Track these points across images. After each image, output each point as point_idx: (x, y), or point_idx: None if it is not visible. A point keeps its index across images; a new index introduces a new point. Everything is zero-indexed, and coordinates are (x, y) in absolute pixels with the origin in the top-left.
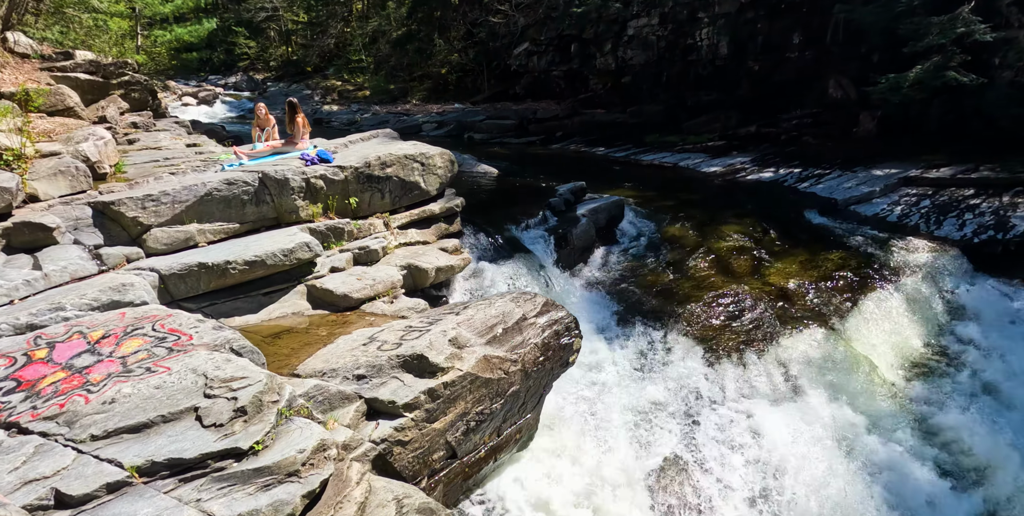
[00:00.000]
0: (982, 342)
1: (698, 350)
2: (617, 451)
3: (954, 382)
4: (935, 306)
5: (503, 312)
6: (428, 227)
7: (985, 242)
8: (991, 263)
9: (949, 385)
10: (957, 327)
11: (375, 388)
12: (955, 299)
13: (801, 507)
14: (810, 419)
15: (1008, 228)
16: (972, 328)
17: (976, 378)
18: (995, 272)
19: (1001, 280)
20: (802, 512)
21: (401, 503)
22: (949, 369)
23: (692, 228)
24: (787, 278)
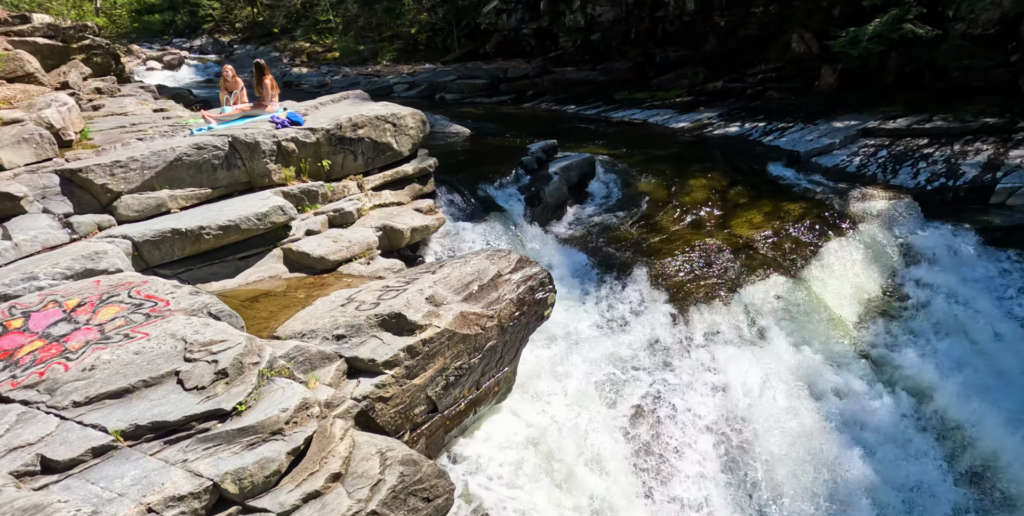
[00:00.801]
0: (933, 283)
1: (668, 299)
2: (593, 398)
3: (907, 322)
4: (890, 251)
5: (478, 269)
6: (402, 188)
7: (937, 189)
8: (942, 209)
9: (902, 325)
10: (910, 270)
11: (355, 347)
12: (909, 244)
13: (765, 443)
14: (774, 362)
15: (958, 175)
16: (924, 271)
17: (927, 317)
18: (946, 217)
19: (951, 225)
20: (766, 447)
21: (384, 456)
22: (902, 310)
23: (661, 183)
24: (752, 229)
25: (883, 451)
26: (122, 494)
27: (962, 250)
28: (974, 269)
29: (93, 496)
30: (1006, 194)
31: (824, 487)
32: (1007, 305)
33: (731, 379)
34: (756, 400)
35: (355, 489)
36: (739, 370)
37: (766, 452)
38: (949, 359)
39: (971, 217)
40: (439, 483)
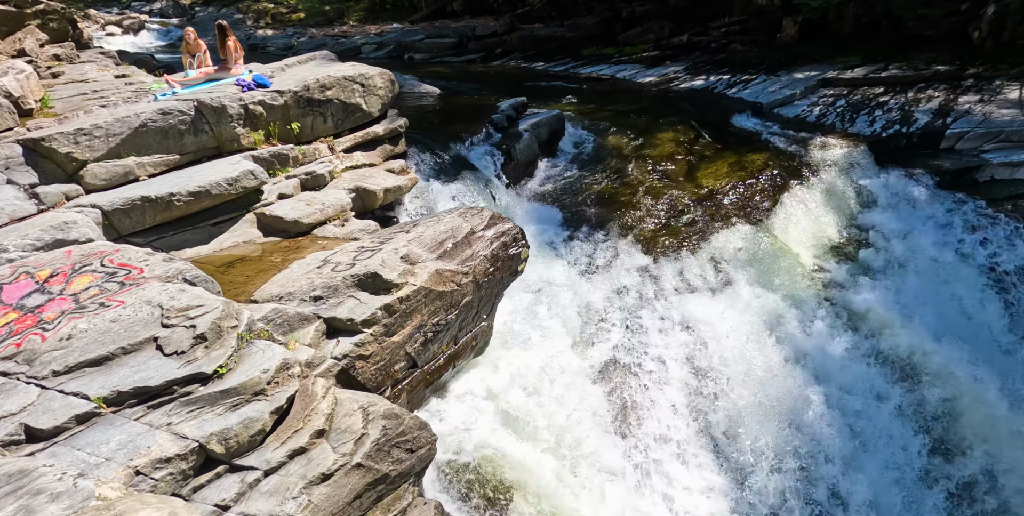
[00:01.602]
0: (887, 226)
1: (639, 251)
2: (567, 347)
3: (864, 263)
4: (848, 197)
5: (452, 227)
6: (373, 149)
7: (892, 136)
8: (896, 155)
9: (858, 266)
10: (866, 214)
11: (332, 308)
12: (865, 190)
13: (732, 382)
14: (739, 306)
15: (911, 122)
16: (879, 215)
17: (882, 258)
18: (899, 163)
19: (904, 170)
20: (732, 386)
21: (367, 411)
22: (859, 252)
23: (630, 137)
24: (718, 179)
25: (840, 383)
26: (109, 458)
27: (914, 193)
28: (925, 211)
29: (80, 462)
30: (955, 139)
31: (786, 418)
32: (954, 245)
33: (699, 324)
34: (722, 343)
35: (339, 444)
36: (707, 316)
37: (732, 390)
38: (901, 296)
39: (923, 162)
40: (421, 434)
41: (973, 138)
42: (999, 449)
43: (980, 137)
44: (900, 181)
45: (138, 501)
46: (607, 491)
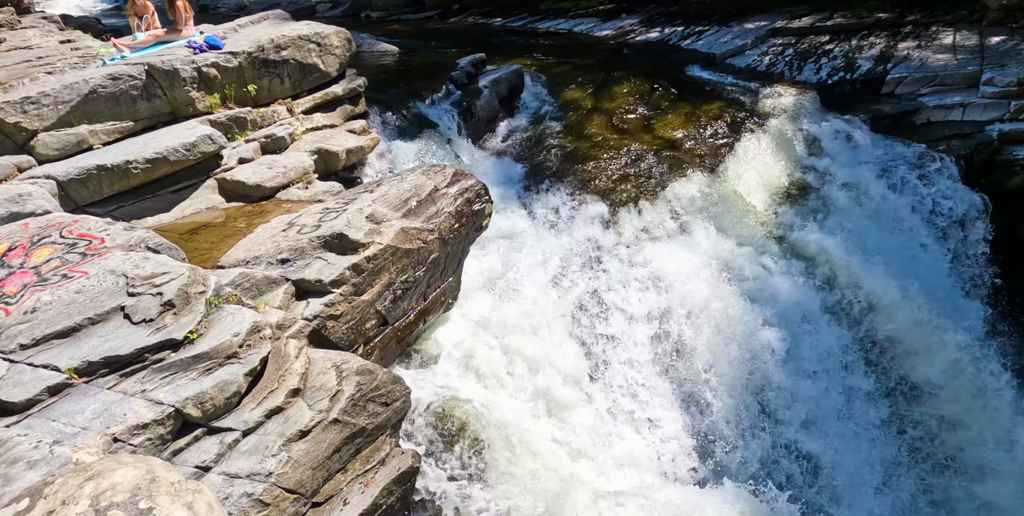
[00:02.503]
0: (832, 170)
1: (600, 202)
2: (536, 297)
3: (810, 205)
4: (795, 143)
5: (415, 185)
6: (333, 110)
7: (836, 83)
8: (841, 101)
9: (806, 208)
10: (812, 160)
11: (300, 270)
12: (811, 135)
13: (693, 323)
14: (696, 251)
15: (855, 68)
16: (824, 159)
17: (827, 200)
18: (844, 109)
19: (848, 115)
20: (694, 327)
21: (340, 369)
22: (807, 195)
23: (588, 91)
24: (673, 130)
25: (793, 317)
26: (85, 427)
27: (857, 138)
28: (867, 154)
29: (56, 432)
30: (895, 84)
31: (743, 353)
32: (895, 184)
33: (659, 270)
34: (682, 286)
35: (315, 401)
36: (666, 262)
37: (694, 331)
38: (847, 234)
39: (865, 107)
40: (395, 388)
41: (911, 83)
42: (934, 371)
43: (917, 82)
44: (844, 126)
45: (114, 461)
46: (575, 421)
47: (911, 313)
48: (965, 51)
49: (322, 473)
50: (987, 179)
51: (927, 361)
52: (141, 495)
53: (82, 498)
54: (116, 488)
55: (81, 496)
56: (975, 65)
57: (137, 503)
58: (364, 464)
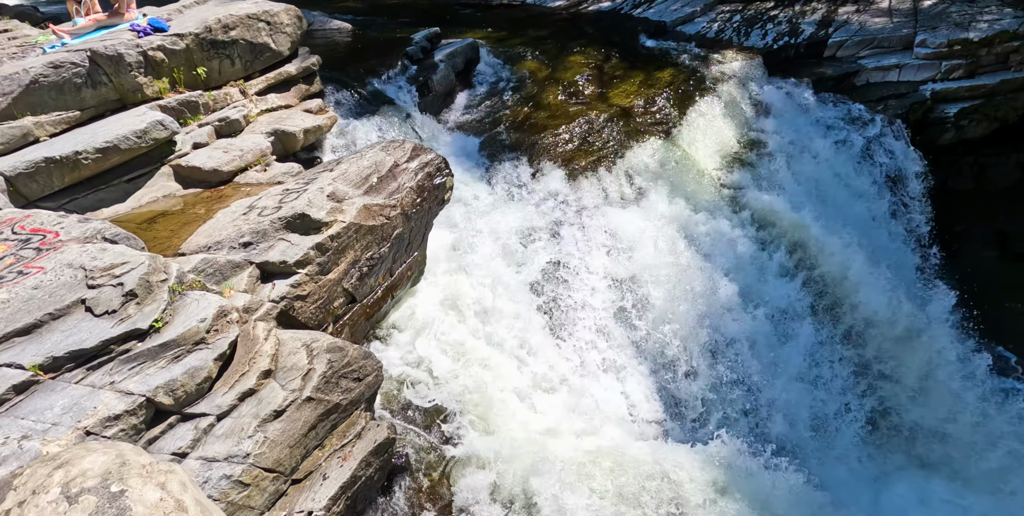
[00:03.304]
0: (778, 132)
1: (559, 172)
2: (501, 267)
3: (759, 166)
4: (744, 107)
5: (375, 162)
6: (288, 90)
7: (782, 47)
8: (787, 65)
9: (756, 169)
10: (760, 122)
11: (264, 252)
12: (758, 99)
13: (652, 284)
14: (653, 215)
15: (799, 33)
16: (771, 122)
17: (775, 161)
18: (789, 73)
19: (794, 79)
20: (653, 287)
21: (310, 347)
22: (755, 157)
23: (543, 62)
24: (628, 98)
25: (743, 274)
26: (55, 423)
27: (802, 100)
28: (812, 115)
29: (26, 429)
30: (836, 47)
31: (702, 309)
32: (838, 144)
33: (619, 235)
34: (642, 249)
35: (287, 381)
36: (625, 225)
37: (655, 291)
38: (794, 192)
39: (809, 70)
40: (367, 363)
41: (851, 46)
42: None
43: (857, 45)
44: (790, 89)
45: (83, 448)
46: (546, 384)
47: (855, 262)
48: (900, 14)
49: (299, 451)
50: (922, 136)
51: (869, 302)
52: (112, 479)
53: (52, 486)
54: (86, 474)
55: (51, 484)
56: (909, 28)
57: (109, 487)
58: (341, 439)
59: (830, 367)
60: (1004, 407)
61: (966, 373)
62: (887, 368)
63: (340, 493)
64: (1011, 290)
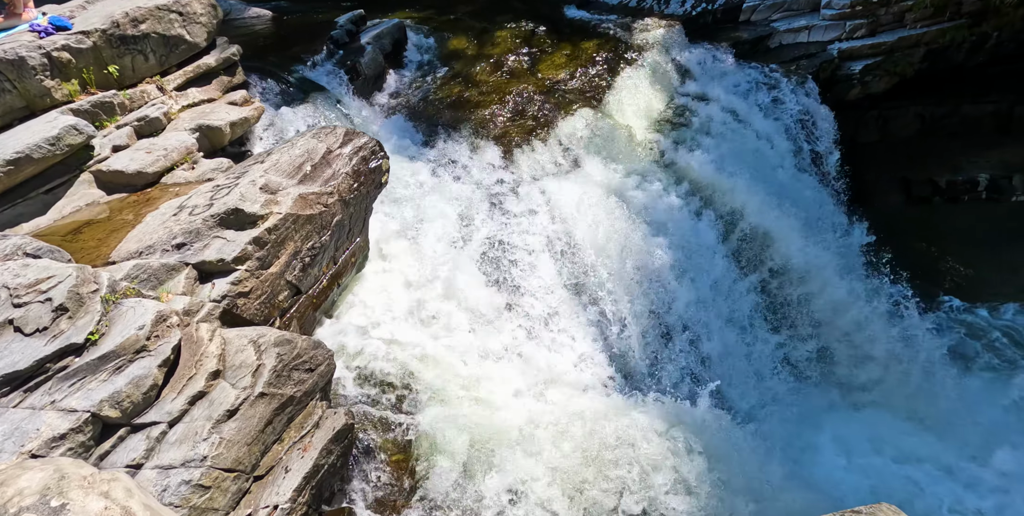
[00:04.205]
0: (701, 95)
1: (496, 147)
2: (446, 245)
3: (686, 129)
4: (669, 73)
5: (307, 150)
6: (209, 83)
7: (700, 14)
8: (705, 31)
9: (682, 132)
10: (684, 86)
11: (199, 252)
12: (681, 64)
13: (590, 247)
14: (588, 183)
15: (714, 0)
16: (696, 85)
17: (699, 120)
18: (708, 38)
19: (711, 43)
20: (592, 250)
21: (257, 343)
22: (682, 120)
23: (471, 39)
24: (557, 70)
25: (676, 233)
26: None
27: (721, 64)
28: (731, 78)
29: None
30: (750, 12)
31: (639, 268)
32: (756, 105)
33: (558, 204)
34: (578, 215)
35: (238, 379)
36: (563, 196)
37: (595, 255)
38: (719, 153)
39: (726, 35)
40: (317, 353)
41: (763, 10)
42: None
43: (769, 8)
44: (710, 54)
45: (18, 468)
46: (497, 354)
47: (774, 213)
48: None
49: (258, 447)
50: (831, 93)
51: (786, 248)
52: (51, 494)
53: None
54: (24, 493)
55: None
56: None
57: (48, 502)
58: (299, 430)
59: (762, 316)
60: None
61: (882, 309)
62: (814, 310)
63: (304, 484)
64: (916, 231)
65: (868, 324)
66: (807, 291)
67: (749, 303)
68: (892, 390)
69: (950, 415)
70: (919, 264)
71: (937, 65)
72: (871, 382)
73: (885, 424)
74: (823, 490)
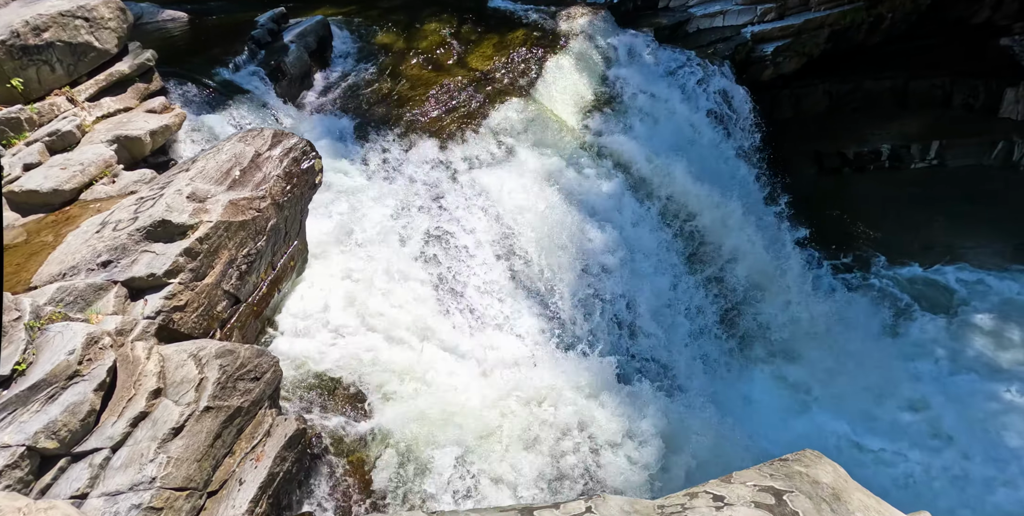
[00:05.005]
0: (628, 78)
1: (429, 141)
2: (386, 241)
3: (613, 114)
4: (595, 60)
5: (235, 154)
6: (124, 91)
7: (621, 1)
8: (628, 17)
9: (610, 117)
10: (611, 72)
11: (127, 269)
12: (606, 51)
13: (528, 233)
14: (522, 170)
15: None
16: (621, 70)
17: (625, 104)
18: (631, 24)
19: (634, 29)
20: (529, 237)
21: (198, 357)
22: (610, 105)
23: (398, 33)
24: (486, 61)
25: (610, 214)
26: None
27: (644, 49)
28: (654, 62)
29: None
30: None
31: (575, 248)
32: (678, 88)
33: (494, 193)
34: (514, 201)
35: (180, 395)
36: (498, 183)
37: (533, 238)
38: (646, 135)
39: (648, 21)
40: (262, 361)
41: None
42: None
43: None
44: (633, 40)
45: None
46: (447, 343)
47: (702, 189)
48: None
49: (209, 462)
50: (746, 74)
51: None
52: None
53: None
54: None
55: None
56: None
57: None
58: (250, 441)
59: (694, 284)
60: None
61: (797, 271)
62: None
63: (260, 494)
64: (828, 200)
65: (788, 287)
66: (731, 257)
67: (679, 272)
68: (808, 346)
69: (858, 366)
70: (833, 230)
71: (840, 45)
72: (790, 339)
73: (804, 378)
74: (753, 443)
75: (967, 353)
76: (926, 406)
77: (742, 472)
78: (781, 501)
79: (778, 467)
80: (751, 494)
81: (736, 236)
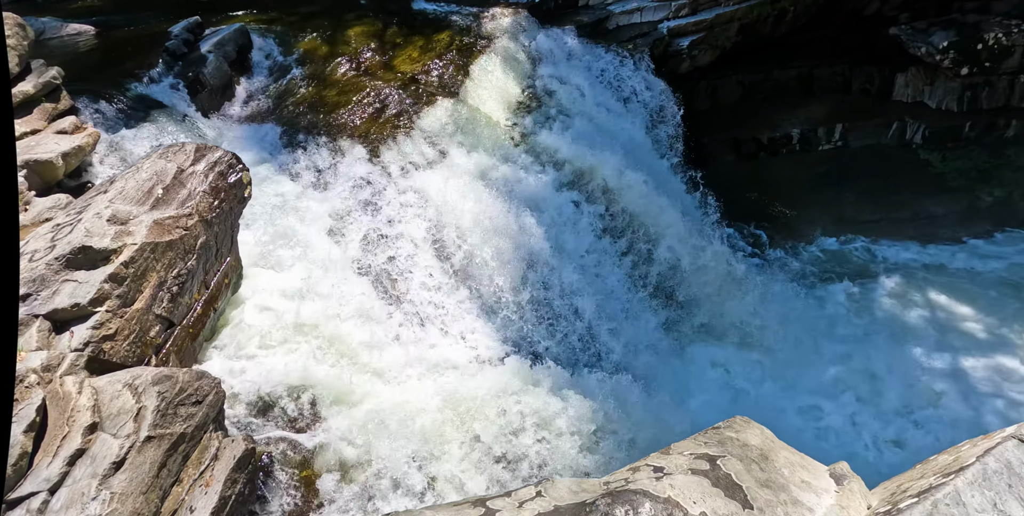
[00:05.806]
0: (554, 77)
1: (360, 147)
2: (322, 251)
3: (541, 110)
4: (520, 58)
5: (156, 172)
6: (30, 112)
7: (543, 1)
8: (550, 16)
9: (539, 113)
10: (537, 70)
11: (48, 300)
12: (532, 50)
13: (466, 233)
14: (457, 171)
15: None
16: (547, 68)
17: (555, 102)
18: (554, 22)
19: (558, 28)
20: (468, 236)
21: (134, 386)
22: (538, 102)
23: (321, 38)
24: (413, 63)
25: (544, 206)
26: None
27: (567, 47)
28: (577, 60)
29: None
30: None
31: (513, 244)
32: (601, 82)
33: (429, 195)
34: (450, 202)
35: (118, 428)
36: (433, 185)
37: (471, 237)
38: (574, 129)
39: (570, 19)
40: (202, 383)
41: None
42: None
43: None
44: (556, 38)
45: None
46: (390, 349)
47: (631, 181)
48: None
49: (156, 493)
50: (665, 67)
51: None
52: None
53: None
54: None
55: None
56: None
57: None
58: (197, 467)
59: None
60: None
61: (722, 251)
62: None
63: None
64: (747, 183)
65: (709, 265)
66: (659, 242)
67: (612, 260)
68: (735, 319)
69: (783, 335)
70: (753, 211)
71: (750, 38)
72: (717, 315)
73: (732, 351)
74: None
75: (878, 314)
76: (846, 364)
77: (680, 443)
78: (715, 465)
79: (711, 435)
80: (688, 462)
81: (660, 218)
